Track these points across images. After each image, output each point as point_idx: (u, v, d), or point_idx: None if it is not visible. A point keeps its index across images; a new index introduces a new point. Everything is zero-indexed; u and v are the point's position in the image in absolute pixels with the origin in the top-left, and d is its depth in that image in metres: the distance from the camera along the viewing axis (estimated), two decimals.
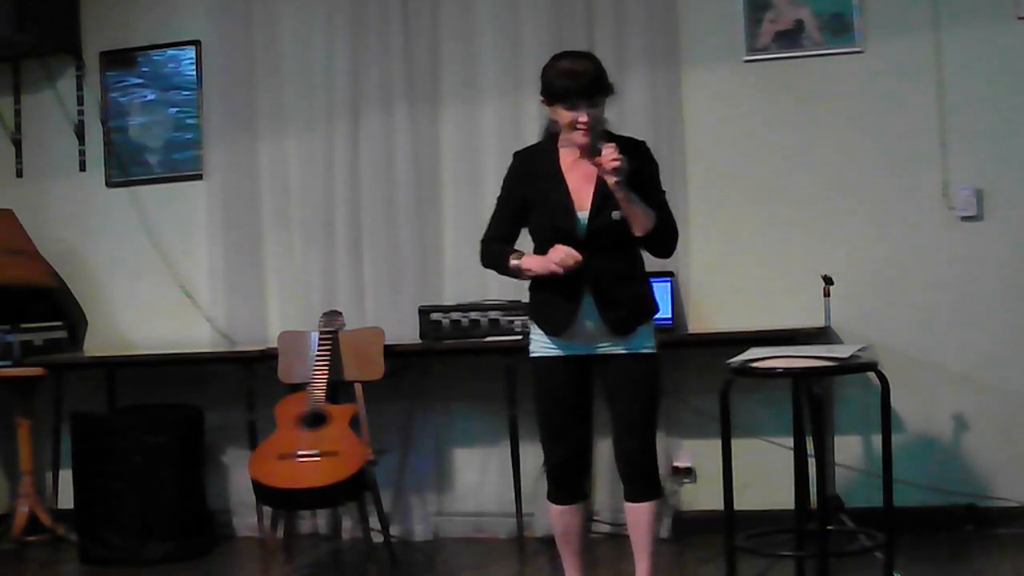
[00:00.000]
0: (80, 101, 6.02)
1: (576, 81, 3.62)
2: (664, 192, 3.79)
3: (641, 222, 3.65)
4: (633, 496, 3.77)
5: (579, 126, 3.63)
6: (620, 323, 3.71)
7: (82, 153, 6.02)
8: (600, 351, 3.76)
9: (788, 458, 4.31)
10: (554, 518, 3.87)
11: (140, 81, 5.94)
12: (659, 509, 3.81)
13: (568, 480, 3.83)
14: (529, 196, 3.77)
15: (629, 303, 3.73)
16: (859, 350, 4.06)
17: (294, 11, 5.66)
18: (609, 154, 3.54)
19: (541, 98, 3.73)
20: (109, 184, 5.98)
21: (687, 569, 4.84)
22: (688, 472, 5.25)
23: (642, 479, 3.76)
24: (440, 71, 5.51)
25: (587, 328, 3.72)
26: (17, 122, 6.11)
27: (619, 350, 3.74)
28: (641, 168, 3.68)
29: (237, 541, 5.59)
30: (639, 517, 3.77)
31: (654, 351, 3.76)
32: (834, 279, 4.89)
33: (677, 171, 5.24)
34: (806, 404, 4.05)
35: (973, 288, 5.00)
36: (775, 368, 3.88)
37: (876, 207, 5.10)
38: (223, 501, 5.68)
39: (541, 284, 3.76)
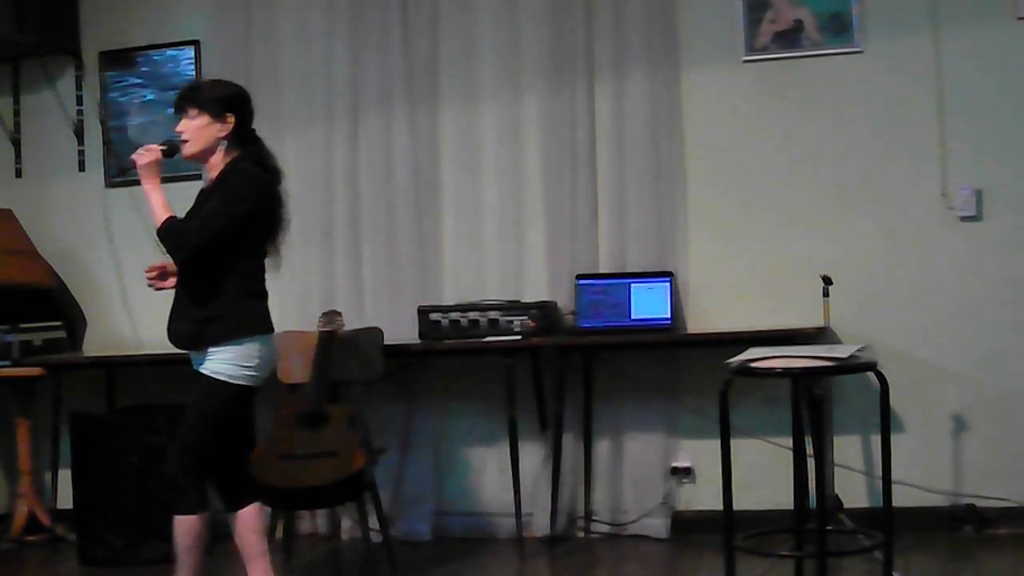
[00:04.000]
0: (79, 101, 6.01)
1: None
2: (214, 213, 3.84)
3: (154, 216, 3.88)
4: None
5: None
6: (177, 337, 3.93)
7: (81, 153, 6.02)
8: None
9: (787, 458, 4.31)
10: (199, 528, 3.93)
11: (139, 81, 5.93)
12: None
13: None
14: None
15: (188, 321, 3.88)
16: (858, 350, 4.05)
17: (293, 11, 5.65)
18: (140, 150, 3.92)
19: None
20: (108, 184, 5.97)
21: (686, 569, 4.84)
22: (687, 472, 5.24)
23: (168, 492, 3.92)
24: (439, 71, 5.50)
25: None
26: (16, 122, 6.10)
27: (195, 366, 3.93)
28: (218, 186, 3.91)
29: None
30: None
31: (213, 376, 3.86)
32: (834, 279, 4.89)
33: (676, 171, 5.24)
34: (805, 404, 4.05)
35: (973, 288, 5.00)
36: (774, 368, 3.86)
37: (876, 207, 5.10)
38: None
39: None
